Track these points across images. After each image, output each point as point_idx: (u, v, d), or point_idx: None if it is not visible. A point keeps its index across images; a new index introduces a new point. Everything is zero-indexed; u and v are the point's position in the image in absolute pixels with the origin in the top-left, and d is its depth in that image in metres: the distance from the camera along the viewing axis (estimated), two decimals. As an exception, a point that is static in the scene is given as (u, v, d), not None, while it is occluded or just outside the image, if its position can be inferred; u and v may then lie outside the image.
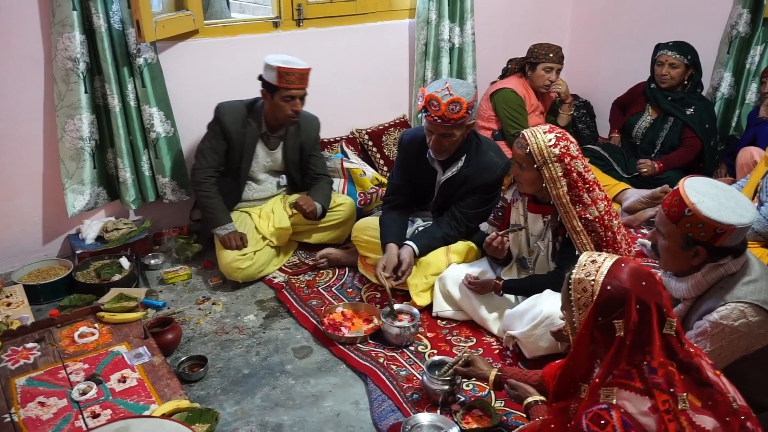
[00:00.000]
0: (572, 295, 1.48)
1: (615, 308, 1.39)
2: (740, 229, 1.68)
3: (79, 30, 2.85)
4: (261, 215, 3.23)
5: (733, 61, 3.72)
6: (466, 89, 2.60)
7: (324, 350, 2.60)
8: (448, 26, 3.93)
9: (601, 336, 1.42)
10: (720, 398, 1.40)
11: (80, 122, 2.99)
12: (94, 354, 2.29)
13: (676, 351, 1.41)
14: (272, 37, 3.54)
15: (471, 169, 2.78)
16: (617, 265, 1.45)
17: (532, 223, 2.56)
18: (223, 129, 3.05)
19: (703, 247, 1.73)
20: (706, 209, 1.68)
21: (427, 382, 2.24)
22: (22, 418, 1.97)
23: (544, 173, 2.32)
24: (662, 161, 3.67)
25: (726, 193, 1.75)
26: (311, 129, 3.23)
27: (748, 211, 1.71)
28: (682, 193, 1.72)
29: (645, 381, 1.36)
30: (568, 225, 2.36)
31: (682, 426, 1.33)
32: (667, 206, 1.76)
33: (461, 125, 2.64)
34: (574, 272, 1.49)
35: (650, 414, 1.34)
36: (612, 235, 2.37)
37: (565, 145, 2.31)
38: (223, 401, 2.31)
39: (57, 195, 3.10)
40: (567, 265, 2.40)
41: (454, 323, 2.73)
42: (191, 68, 3.33)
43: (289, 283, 3.05)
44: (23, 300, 2.75)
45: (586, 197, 2.33)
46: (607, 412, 1.35)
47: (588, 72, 4.60)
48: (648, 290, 1.40)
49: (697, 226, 1.70)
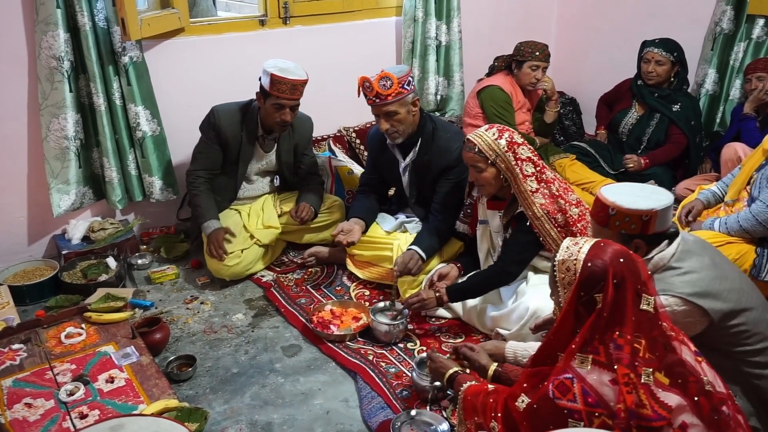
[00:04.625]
0: (557, 276, 1.57)
1: (596, 283, 1.48)
2: (662, 212, 1.84)
3: (63, 28, 2.83)
4: (251, 213, 3.22)
5: (717, 58, 3.76)
6: (399, 68, 2.74)
7: (313, 348, 2.59)
8: (435, 24, 3.94)
9: (584, 311, 1.50)
10: (692, 378, 1.46)
11: (65, 121, 2.96)
12: (82, 354, 2.28)
13: (651, 328, 1.48)
14: (259, 35, 3.53)
15: (430, 154, 2.86)
16: (597, 245, 1.55)
17: (491, 219, 2.63)
18: (218, 133, 3.02)
19: (639, 239, 1.87)
20: (625, 203, 1.84)
21: (416, 379, 2.25)
22: (9, 420, 1.96)
23: (500, 165, 2.41)
24: (648, 157, 3.69)
25: (638, 187, 1.97)
26: (304, 129, 3.23)
27: (663, 195, 1.89)
28: (602, 198, 1.90)
29: (609, 356, 1.44)
30: (529, 212, 2.43)
31: (641, 398, 1.41)
32: (594, 214, 1.94)
33: (401, 102, 2.73)
34: (558, 255, 1.58)
35: (610, 385, 1.43)
36: (566, 218, 2.44)
37: (509, 135, 2.43)
38: (212, 400, 2.30)
39: (42, 195, 3.08)
40: (508, 253, 2.51)
41: (443, 320, 2.74)
42: (177, 66, 3.31)
43: (278, 282, 3.05)
44: (8, 301, 2.73)
45: (533, 184, 2.41)
46: (570, 381, 1.46)
47: (574, 69, 4.63)
48: (626, 267, 1.49)
49: (624, 221, 1.85)
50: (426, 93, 4.09)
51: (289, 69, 2.88)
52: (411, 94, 2.76)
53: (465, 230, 2.83)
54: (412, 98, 2.77)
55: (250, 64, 3.39)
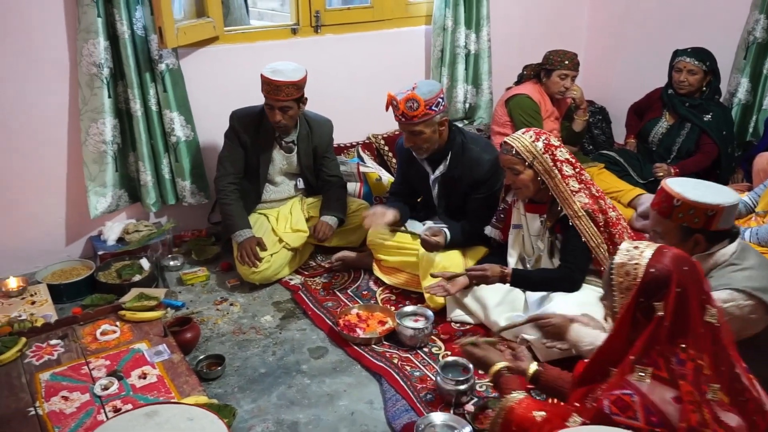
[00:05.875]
0: (614, 280, 1.50)
1: (658, 290, 1.41)
2: (729, 209, 1.80)
3: (104, 36, 2.93)
4: (279, 217, 3.27)
5: (750, 67, 3.71)
6: (429, 88, 2.72)
7: (339, 351, 2.63)
8: (464, 33, 3.97)
9: (642, 318, 1.43)
10: (749, 396, 1.40)
11: (103, 126, 3.06)
12: (116, 351, 2.35)
13: (714, 341, 1.40)
14: (291, 44, 3.60)
15: (460, 168, 2.86)
16: (660, 250, 1.48)
17: (530, 222, 2.61)
18: (237, 136, 3.11)
19: (700, 234, 1.83)
20: (692, 196, 1.81)
21: (440, 383, 2.27)
22: (47, 412, 2.03)
23: (537, 168, 2.42)
24: (678, 166, 3.65)
25: (703, 183, 1.93)
26: (323, 132, 3.27)
27: (729, 193, 1.87)
28: (667, 188, 1.87)
29: (671, 372, 1.37)
30: (569, 211, 2.43)
31: (705, 419, 1.34)
32: (657, 205, 1.89)
33: (428, 122, 2.73)
34: (616, 258, 1.51)
35: (674, 404, 1.35)
36: (606, 219, 2.45)
37: (545, 137, 2.45)
38: (240, 399, 2.35)
39: (80, 197, 3.18)
40: (571, 259, 2.48)
41: (468, 326, 2.75)
42: (211, 74, 3.40)
43: (306, 285, 3.09)
44: (47, 299, 2.82)
45: (574, 184, 2.42)
46: (630, 398, 1.37)
47: (604, 78, 4.60)
48: (689, 276, 1.42)
49: (689, 213, 1.81)
50: (454, 101, 4.12)
51: (280, 70, 2.94)
52: (439, 114, 2.75)
53: (497, 236, 2.80)
54: (440, 118, 2.76)
55: (281, 72, 3.46)
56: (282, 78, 2.92)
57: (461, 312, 2.76)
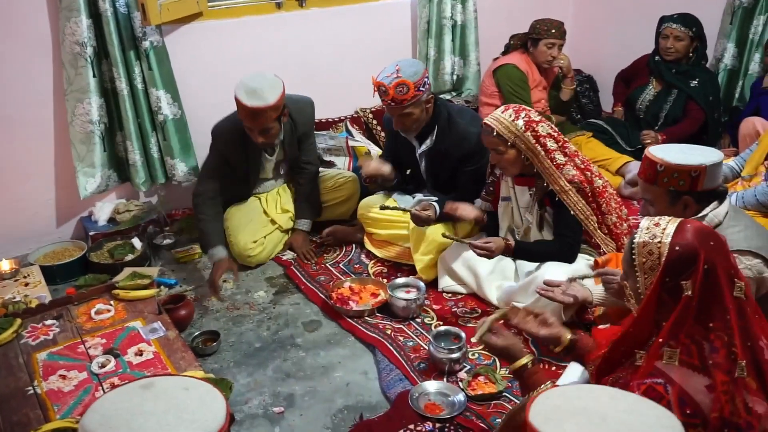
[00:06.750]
0: (636, 260, 1.43)
1: (685, 268, 1.35)
2: (712, 167, 1.83)
3: (86, 14, 2.89)
4: (268, 198, 3.26)
5: (736, 32, 3.71)
6: (414, 69, 2.70)
7: (333, 324, 2.66)
8: (450, 3, 3.93)
9: (669, 299, 1.37)
10: None
11: (89, 106, 3.04)
12: (111, 329, 2.37)
13: (743, 316, 1.35)
14: (276, 18, 3.57)
15: (447, 142, 2.85)
16: (682, 225, 1.41)
17: (519, 195, 2.63)
18: (221, 154, 3.00)
19: (688, 196, 1.86)
20: (674, 159, 1.86)
21: (433, 352, 2.31)
22: (45, 390, 2.06)
23: (520, 146, 2.42)
24: (665, 133, 3.68)
25: (687, 146, 1.98)
26: (305, 119, 3.13)
27: (711, 153, 1.90)
28: (649, 155, 1.90)
29: (703, 359, 1.31)
30: (556, 187, 2.44)
31: (737, 408, 1.29)
32: (643, 174, 1.93)
33: (416, 104, 2.73)
34: (636, 236, 1.44)
35: (706, 392, 1.30)
36: (593, 189, 2.47)
37: (525, 114, 2.43)
38: (236, 373, 2.38)
39: (69, 178, 3.17)
40: (566, 231, 2.51)
41: (459, 296, 2.78)
42: (196, 50, 3.37)
43: (298, 260, 3.12)
44: (40, 280, 2.84)
45: (560, 157, 2.43)
46: (663, 387, 1.31)
47: (591, 46, 4.59)
48: (715, 250, 1.36)
49: (673, 177, 1.85)
50: (442, 73, 4.10)
51: (254, 90, 2.71)
52: (425, 93, 2.75)
53: (487, 207, 2.82)
54: (426, 97, 2.76)
55: (267, 47, 3.44)
56: (259, 103, 2.70)
57: (452, 282, 2.80)
